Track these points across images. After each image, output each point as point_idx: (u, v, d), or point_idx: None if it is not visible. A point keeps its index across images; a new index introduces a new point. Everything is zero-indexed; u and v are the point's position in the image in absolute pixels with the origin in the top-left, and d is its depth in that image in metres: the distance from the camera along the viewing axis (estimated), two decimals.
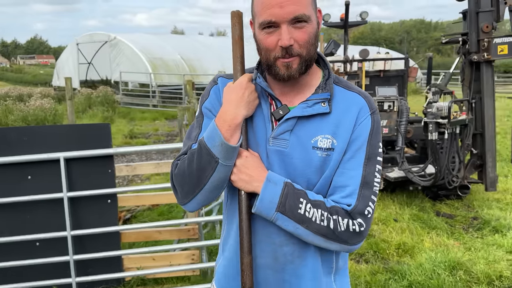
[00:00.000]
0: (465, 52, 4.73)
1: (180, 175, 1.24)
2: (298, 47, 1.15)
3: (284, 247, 1.24)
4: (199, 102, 1.38)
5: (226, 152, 1.16)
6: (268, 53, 1.19)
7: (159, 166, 3.27)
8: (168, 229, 3.36)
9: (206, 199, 1.25)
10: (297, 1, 1.12)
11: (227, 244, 1.37)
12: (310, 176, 1.22)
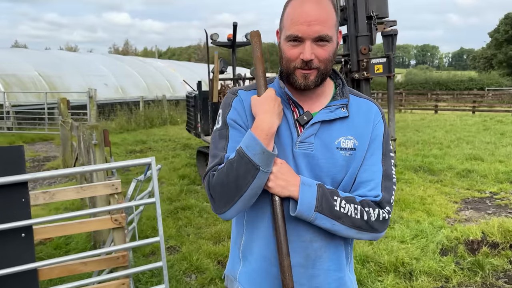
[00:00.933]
0: (347, 71, 5.40)
1: (219, 185, 1.26)
2: (317, 62, 1.27)
3: (314, 243, 1.33)
4: (221, 115, 1.40)
5: (267, 159, 1.23)
6: (289, 63, 1.29)
7: (82, 191, 2.97)
8: (94, 260, 3.06)
9: (244, 206, 1.29)
10: (324, 22, 1.24)
11: (251, 252, 1.41)
12: (335, 174, 1.33)
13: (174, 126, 15.64)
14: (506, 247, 4.32)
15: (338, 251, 1.38)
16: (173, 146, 11.39)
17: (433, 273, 3.77)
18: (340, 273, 1.39)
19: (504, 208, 5.73)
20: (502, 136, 11.75)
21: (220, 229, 4.99)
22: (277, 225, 1.29)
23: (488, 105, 22.18)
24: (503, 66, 38.21)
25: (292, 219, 1.31)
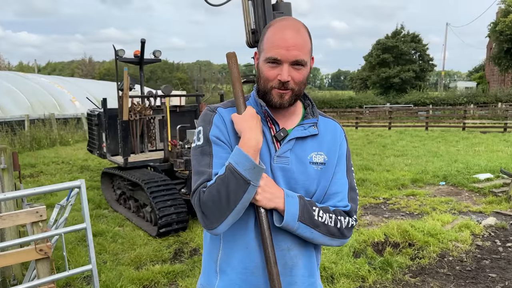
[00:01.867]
0: None
1: (211, 201, 1.30)
2: (293, 83, 1.40)
3: (290, 251, 1.43)
4: (202, 132, 1.44)
5: (257, 174, 1.30)
6: (267, 82, 1.40)
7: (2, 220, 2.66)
8: None
9: (234, 220, 1.34)
10: (301, 48, 1.37)
11: (230, 264, 1.44)
12: (309, 187, 1.45)
13: (65, 147, 14.46)
14: (405, 246, 4.90)
15: (311, 258, 1.50)
16: (68, 168, 10.54)
17: (351, 275, 4.11)
18: (312, 278, 1.50)
19: (397, 212, 6.47)
20: (384, 148, 13.22)
21: (139, 253, 4.79)
22: (264, 236, 1.35)
23: (367, 121, 24.73)
24: (376, 86, 43.02)
25: (274, 230, 1.39)
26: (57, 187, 2.86)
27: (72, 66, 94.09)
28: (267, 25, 1.44)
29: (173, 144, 6.36)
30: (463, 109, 21.66)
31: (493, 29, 33.49)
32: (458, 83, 57.21)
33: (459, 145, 13.48)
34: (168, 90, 6.47)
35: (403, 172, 9.13)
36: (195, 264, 4.46)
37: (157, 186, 5.60)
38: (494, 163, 9.60)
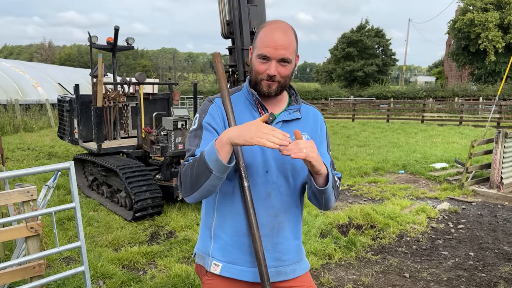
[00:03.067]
0: (235, 80, 5.88)
1: (183, 175, 1.54)
2: (279, 77, 1.65)
3: (277, 217, 1.68)
4: (197, 118, 1.68)
5: (220, 167, 1.44)
6: (257, 75, 1.65)
7: None
8: (7, 271, 2.88)
9: (201, 197, 1.57)
10: (287, 48, 1.62)
11: (223, 229, 1.68)
12: (294, 163, 1.70)
13: (30, 133, 14.12)
14: (367, 228, 5.30)
15: (296, 223, 1.77)
16: (34, 155, 10.38)
17: (319, 253, 4.46)
18: (297, 240, 1.77)
19: (360, 197, 6.90)
20: (348, 139, 13.77)
21: (117, 235, 4.94)
22: (247, 207, 1.59)
23: (332, 112, 25.42)
24: (341, 79, 44.06)
25: (261, 199, 1.64)
26: (47, 168, 3.00)
27: (30, 50, 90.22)
28: (261, 26, 1.68)
29: (147, 131, 6.49)
30: (422, 102, 22.68)
31: (452, 27, 35.05)
32: (418, 78, 59.38)
33: (418, 137, 14.23)
34: (142, 77, 6.57)
35: (365, 161, 9.63)
36: (172, 245, 4.68)
37: (132, 172, 5.74)
38: (449, 154, 10.28)
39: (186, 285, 3.67)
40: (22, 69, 20.69)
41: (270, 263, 1.65)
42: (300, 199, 1.76)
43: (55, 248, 2.94)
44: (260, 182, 1.62)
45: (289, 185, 1.67)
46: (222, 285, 1.69)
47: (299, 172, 1.69)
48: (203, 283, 1.77)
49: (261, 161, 1.63)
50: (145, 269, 4.16)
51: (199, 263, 1.77)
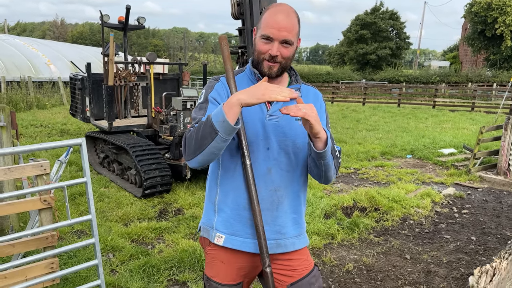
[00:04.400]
0: (244, 61, 5.91)
1: (188, 138, 1.61)
2: (281, 58, 1.71)
3: (277, 192, 1.76)
4: (203, 93, 1.77)
5: (226, 128, 1.49)
6: (260, 55, 1.71)
7: (10, 172, 2.91)
8: (22, 241, 3.03)
9: (203, 160, 1.61)
10: (289, 30, 1.67)
11: (226, 203, 1.76)
12: (295, 139, 1.77)
13: (42, 111, 14.34)
14: (371, 210, 5.38)
15: (296, 199, 1.84)
16: (47, 132, 10.58)
17: (322, 233, 4.56)
18: (295, 214, 1.85)
19: (366, 181, 6.97)
20: (357, 123, 13.75)
21: (126, 211, 5.10)
22: (249, 183, 1.67)
23: (343, 96, 25.26)
24: (353, 62, 43.56)
25: (262, 175, 1.72)
26: (59, 143, 3.11)
27: (43, 28, 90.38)
28: (265, 8, 1.73)
29: (157, 111, 6.59)
30: (435, 87, 22.42)
31: (469, 10, 34.24)
32: (432, 62, 58.42)
33: (428, 122, 14.14)
34: (153, 57, 6.63)
35: (373, 145, 9.65)
36: (180, 222, 4.82)
37: (142, 150, 5.86)
38: (458, 140, 10.24)
39: (192, 259, 3.80)
40: (35, 46, 20.86)
41: (270, 236, 1.74)
42: (301, 176, 1.82)
43: (67, 221, 3.07)
44: (261, 159, 1.70)
45: (290, 161, 1.74)
46: (224, 255, 1.79)
47: (301, 149, 1.76)
48: (206, 253, 1.87)
49: (262, 139, 1.70)
50: (153, 243, 4.31)
51: (204, 236, 1.88)
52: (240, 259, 1.79)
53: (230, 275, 1.82)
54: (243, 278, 1.86)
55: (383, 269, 3.89)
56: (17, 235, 2.89)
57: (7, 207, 2.94)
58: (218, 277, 1.83)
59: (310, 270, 1.86)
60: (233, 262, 1.80)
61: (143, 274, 3.59)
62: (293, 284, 1.81)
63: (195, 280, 3.53)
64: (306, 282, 1.83)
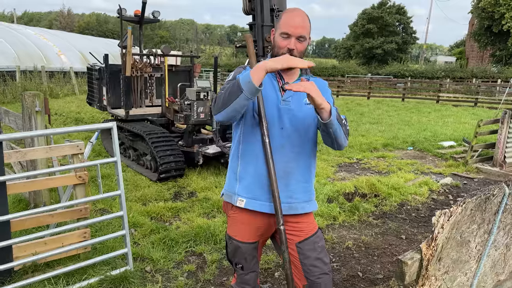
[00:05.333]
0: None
1: (218, 97, 1.98)
2: (296, 52, 2.08)
3: (290, 163, 2.13)
4: (232, 74, 2.16)
5: (251, 88, 1.84)
6: (279, 49, 2.08)
7: (50, 150, 3.31)
8: (60, 212, 3.44)
9: (227, 116, 1.97)
10: (304, 28, 2.05)
11: (247, 173, 2.14)
12: (304, 119, 2.13)
13: (56, 99, 14.77)
14: (371, 196, 5.76)
15: (306, 169, 2.20)
16: (62, 120, 11.01)
17: (325, 215, 4.95)
18: (306, 183, 2.22)
19: (368, 170, 7.34)
20: (361, 116, 14.08)
21: (144, 193, 5.51)
22: (267, 157, 2.05)
23: (348, 90, 25.53)
24: (359, 56, 43.76)
25: (277, 149, 2.09)
26: (92, 127, 3.51)
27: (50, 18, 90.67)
28: (282, 12, 2.11)
29: (170, 101, 6.97)
30: (439, 82, 22.63)
31: (476, 5, 34.24)
32: (439, 57, 58.32)
33: (431, 116, 14.45)
34: (167, 50, 7.00)
35: (376, 137, 10.00)
36: (193, 203, 5.22)
37: (157, 137, 6.26)
38: (459, 133, 10.56)
39: (207, 234, 4.21)
40: (46, 36, 21.26)
41: (284, 200, 2.12)
42: (311, 151, 2.18)
43: (99, 195, 3.48)
44: (276, 136, 2.08)
45: (301, 139, 2.11)
46: (245, 216, 2.17)
47: (309, 128, 2.13)
48: (229, 216, 2.26)
49: (277, 121, 2.08)
50: (170, 221, 4.71)
51: (227, 201, 2.26)
52: (258, 220, 2.18)
53: (249, 234, 2.21)
54: (259, 238, 2.25)
55: (380, 246, 4.28)
56: (54, 206, 3.29)
57: (47, 182, 3.35)
58: (239, 236, 2.22)
59: (314, 232, 2.23)
60: (252, 223, 2.19)
61: (164, 246, 4.00)
62: (300, 242, 2.19)
63: (210, 251, 3.94)
64: (311, 241, 2.21)
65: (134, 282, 3.33)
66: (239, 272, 2.30)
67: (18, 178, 3.38)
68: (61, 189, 4.40)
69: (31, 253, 3.25)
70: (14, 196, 4.76)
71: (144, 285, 3.34)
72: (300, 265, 2.18)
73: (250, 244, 2.23)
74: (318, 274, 2.17)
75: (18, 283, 3.04)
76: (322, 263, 2.19)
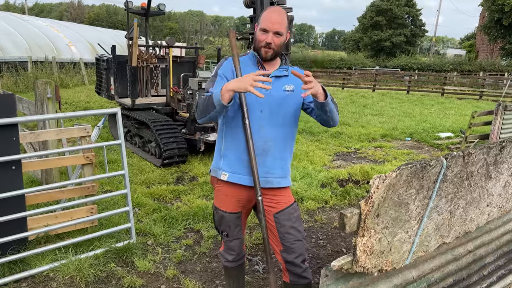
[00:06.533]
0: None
1: (199, 104, 2.30)
2: (274, 45, 2.37)
3: (268, 142, 2.42)
4: (216, 69, 2.44)
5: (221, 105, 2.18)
6: (259, 43, 2.37)
7: (61, 133, 3.65)
8: (70, 189, 3.79)
9: (207, 121, 2.34)
10: (280, 24, 2.33)
11: (230, 150, 2.44)
12: (281, 103, 2.42)
13: (66, 89, 15.19)
14: (364, 183, 6.05)
15: (282, 148, 2.48)
16: (72, 109, 11.41)
17: (317, 198, 5.25)
18: (282, 161, 2.51)
19: (364, 159, 7.61)
20: (364, 108, 14.29)
21: (148, 176, 5.85)
22: (247, 137, 2.34)
23: (354, 82, 25.65)
24: (368, 48, 43.70)
25: (256, 130, 2.39)
26: (98, 111, 3.84)
27: (60, 9, 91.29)
28: (263, 10, 2.40)
29: (175, 91, 7.29)
30: (444, 75, 22.67)
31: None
32: (449, 50, 57.91)
33: (433, 109, 14.61)
34: (172, 41, 7.31)
35: (375, 128, 10.24)
36: (194, 186, 5.56)
37: (161, 125, 6.59)
38: (458, 125, 10.75)
39: (205, 214, 4.54)
40: (57, 28, 21.69)
41: (261, 175, 2.42)
42: (288, 132, 2.46)
43: (105, 174, 3.81)
44: (256, 118, 2.38)
45: (278, 120, 2.40)
46: (228, 188, 2.49)
47: (286, 112, 2.42)
48: (215, 189, 2.58)
49: (257, 104, 2.38)
50: (172, 202, 5.06)
51: (213, 175, 2.58)
52: (239, 192, 2.48)
53: (232, 205, 2.52)
54: (242, 209, 2.56)
55: None
56: (64, 183, 3.64)
57: (58, 161, 3.69)
58: (223, 206, 2.54)
59: (290, 204, 2.53)
60: (234, 195, 2.50)
61: (164, 223, 4.34)
62: (277, 213, 2.50)
63: (207, 228, 4.27)
64: (287, 212, 2.51)
65: (136, 253, 3.67)
66: (225, 239, 2.63)
67: (32, 157, 3.73)
68: (70, 170, 4.75)
69: (43, 225, 3.60)
70: (28, 177, 5.13)
71: (145, 256, 3.68)
72: (277, 233, 2.49)
73: (234, 214, 2.55)
74: (293, 240, 2.47)
75: (32, 251, 3.40)
76: (297, 231, 2.49)
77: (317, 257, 3.87)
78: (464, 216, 2.21)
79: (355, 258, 1.69)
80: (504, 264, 2.82)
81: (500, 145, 2.24)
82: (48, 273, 3.36)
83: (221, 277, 3.41)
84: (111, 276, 3.37)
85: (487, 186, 2.28)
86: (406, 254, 1.93)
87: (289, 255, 2.45)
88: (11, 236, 3.30)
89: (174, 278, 3.39)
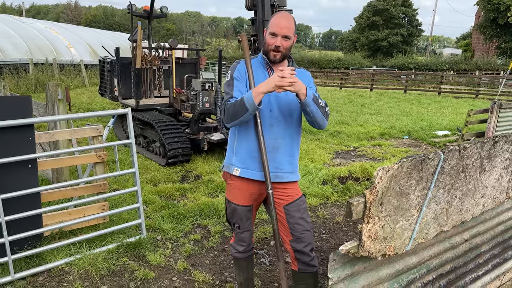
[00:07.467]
0: (255, 48, 6.71)
1: (228, 110, 2.45)
2: (282, 48, 2.53)
3: (277, 140, 2.59)
4: (230, 73, 2.60)
5: (253, 107, 2.36)
6: (268, 46, 2.53)
7: (74, 132, 3.80)
8: (82, 186, 3.94)
9: (236, 124, 2.49)
10: (288, 29, 2.50)
11: (242, 147, 2.60)
12: (289, 103, 2.59)
13: None
14: (364, 180, 6.22)
15: (290, 146, 2.65)
16: (75, 110, 11.53)
17: (318, 195, 5.42)
18: (290, 157, 2.68)
19: (363, 157, 7.78)
20: (362, 107, 14.48)
21: (154, 175, 6.01)
22: (259, 134, 2.50)
23: (352, 82, 25.85)
24: (365, 48, 43.95)
25: (267, 128, 2.55)
26: (109, 112, 3.98)
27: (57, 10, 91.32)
28: (272, 15, 2.57)
29: (177, 92, 7.44)
30: (441, 74, 22.89)
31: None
32: (445, 50, 58.23)
33: (430, 107, 14.82)
34: (175, 43, 7.46)
35: (374, 127, 10.42)
36: (199, 184, 5.71)
37: (166, 125, 6.74)
38: (455, 123, 10.94)
39: (211, 210, 4.70)
40: (56, 30, 21.80)
41: (272, 170, 2.58)
42: (295, 130, 2.62)
43: (116, 172, 3.97)
44: (266, 117, 2.54)
45: (286, 119, 2.57)
46: (240, 183, 2.65)
47: (294, 111, 2.59)
48: (227, 183, 2.74)
49: (267, 105, 2.54)
50: (178, 199, 5.21)
51: (226, 171, 2.73)
52: (251, 186, 2.64)
53: (244, 199, 2.68)
54: (253, 202, 2.72)
55: None
56: (76, 181, 3.79)
57: (72, 160, 3.84)
58: (236, 200, 2.69)
59: (299, 196, 2.70)
60: (246, 189, 2.66)
61: (172, 219, 4.50)
62: (287, 205, 2.66)
63: (214, 224, 4.43)
64: (296, 204, 2.67)
65: (147, 247, 3.83)
66: (236, 231, 2.78)
67: (45, 157, 3.88)
68: (80, 169, 4.90)
69: (57, 221, 3.75)
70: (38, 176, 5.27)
71: (156, 250, 3.84)
72: (286, 224, 2.66)
73: (245, 207, 2.71)
74: (302, 230, 2.63)
75: (48, 246, 3.55)
76: (305, 222, 2.66)
77: (321, 250, 4.03)
78: (460, 206, 2.37)
79: (361, 243, 1.85)
80: (499, 253, 2.99)
81: (493, 140, 2.41)
82: (63, 267, 3.51)
83: (229, 269, 3.57)
84: (124, 269, 3.53)
85: (482, 178, 2.45)
86: (407, 241, 2.09)
87: (298, 244, 2.61)
88: (27, 232, 3.45)
89: (185, 270, 3.55)
